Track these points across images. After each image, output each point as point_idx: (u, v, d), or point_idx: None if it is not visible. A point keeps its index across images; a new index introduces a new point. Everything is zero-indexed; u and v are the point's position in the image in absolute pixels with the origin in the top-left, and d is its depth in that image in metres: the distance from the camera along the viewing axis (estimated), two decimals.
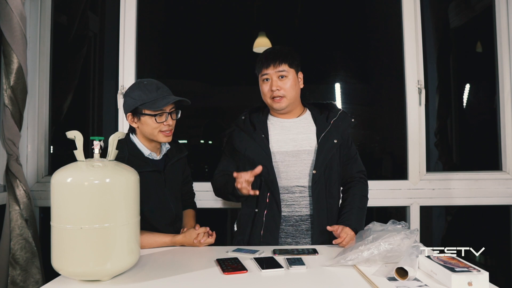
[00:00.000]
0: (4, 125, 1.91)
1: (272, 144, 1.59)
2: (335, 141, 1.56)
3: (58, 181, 1.06)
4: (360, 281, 1.08)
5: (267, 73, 1.56)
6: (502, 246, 2.28)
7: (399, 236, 1.18)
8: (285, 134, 1.60)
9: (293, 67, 1.58)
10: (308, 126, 1.62)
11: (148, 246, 1.42)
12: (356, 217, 1.54)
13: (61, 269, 1.07)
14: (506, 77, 2.19)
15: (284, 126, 1.62)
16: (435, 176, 2.18)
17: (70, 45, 2.32)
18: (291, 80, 1.56)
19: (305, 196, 1.56)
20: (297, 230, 1.56)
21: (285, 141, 1.59)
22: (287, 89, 1.55)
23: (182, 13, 2.56)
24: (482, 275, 1.00)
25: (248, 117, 1.67)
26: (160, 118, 1.45)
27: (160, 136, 1.47)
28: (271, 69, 1.55)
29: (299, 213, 1.56)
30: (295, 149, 1.58)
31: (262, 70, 1.57)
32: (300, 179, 1.56)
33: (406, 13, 2.20)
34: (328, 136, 1.57)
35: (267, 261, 1.22)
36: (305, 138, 1.59)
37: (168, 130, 1.48)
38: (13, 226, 1.91)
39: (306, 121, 1.64)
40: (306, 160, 1.57)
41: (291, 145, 1.59)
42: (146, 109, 1.43)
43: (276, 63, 1.54)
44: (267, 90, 1.57)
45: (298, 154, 1.57)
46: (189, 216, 1.70)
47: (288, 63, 1.56)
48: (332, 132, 1.58)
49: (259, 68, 1.60)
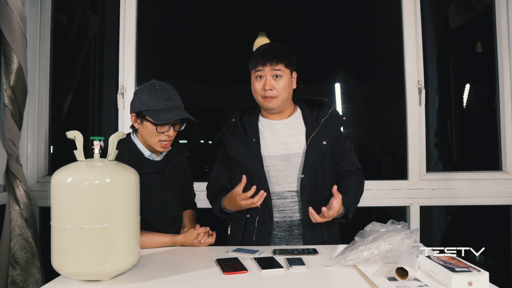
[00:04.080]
0: (4, 125, 1.91)
1: (263, 148, 1.55)
2: (324, 142, 1.52)
3: (58, 181, 1.06)
4: (360, 281, 1.08)
5: (262, 70, 1.50)
6: (502, 246, 2.28)
7: (399, 236, 1.18)
8: (276, 137, 1.57)
9: (289, 67, 1.53)
10: (298, 127, 1.58)
11: (148, 246, 1.42)
12: (350, 197, 1.50)
13: (61, 269, 1.07)
14: (506, 77, 2.19)
15: (274, 128, 1.58)
16: (435, 176, 2.18)
17: (70, 45, 2.33)
18: (285, 81, 1.51)
19: (296, 201, 1.53)
20: (290, 235, 1.54)
21: (275, 145, 1.56)
22: (280, 90, 1.50)
23: (182, 13, 2.56)
24: (482, 275, 1.00)
25: (239, 119, 1.63)
26: (162, 128, 1.42)
27: (157, 145, 1.45)
28: (267, 68, 1.50)
29: (291, 219, 1.53)
30: (285, 152, 1.54)
31: (257, 67, 1.52)
32: (291, 183, 1.53)
33: (406, 13, 2.20)
34: (317, 138, 1.53)
35: (267, 261, 1.22)
36: (295, 141, 1.55)
37: (167, 141, 1.45)
38: (13, 226, 1.91)
39: (296, 121, 1.60)
40: (296, 164, 1.53)
41: (281, 149, 1.55)
42: (149, 116, 1.41)
43: (273, 62, 1.49)
44: (260, 88, 1.52)
45: (289, 158, 1.54)
46: (189, 216, 1.70)
47: (285, 63, 1.51)
48: (321, 133, 1.54)
49: (253, 64, 1.53)
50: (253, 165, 1.52)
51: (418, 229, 1.88)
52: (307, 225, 1.50)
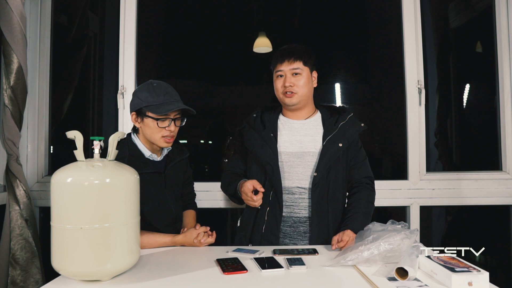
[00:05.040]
0: (4, 125, 1.91)
1: (279, 144, 1.60)
2: (340, 144, 1.56)
3: (58, 181, 1.06)
4: (360, 281, 1.08)
5: (281, 69, 1.58)
6: (502, 246, 2.28)
7: (399, 236, 1.18)
8: (293, 135, 1.61)
9: (308, 65, 1.59)
10: (316, 128, 1.63)
11: (148, 246, 1.42)
12: (360, 222, 1.50)
13: (61, 269, 1.07)
14: (506, 77, 2.19)
15: (292, 127, 1.63)
16: (435, 176, 2.18)
17: (70, 45, 2.32)
18: (304, 78, 1.57)
19: (304, 198, 1.56)
20: (295, 232, 1.56)
21: (291, 142, 1.60)
22: (300, 86, 1.57)
23: (182, 13, 2.56)
24: (482, 275, 1.00)
25: (260, 115, 1.69)
26: (163, 123, 1.44)
27: (161, 141, 1.46)
28: (286, 66, 1.57)
29: (298, 215, 1.56)
30: (300, 150, 1.59)
31: (277, 66, 1.59)
32: (301, 180, 1.56)
33: (406, 13, 2.20)
34: (334, 140, 1.57)
35: (267, 261, 1.22)
36: (311, 140, 1.60)
37: (170, 136, 1.46)
38: (13, 226, 1.91)
39: (315, 123, 1.64)
40: (309, 162, 1.57)
41: (296, 146, 1.59)
42: (149, 111, 1.42)
43: (291, 59, 1.56)
44: (280, 85, 1.59)
45: (303, 156, 1.58)
46: (189, 216, 1.70)
47: (303, 61, 1.57)
48: (338, 136, 1.58)
49: (274, 64, 1.62)
50: (267, 157, 1.56)
51: (418, 229, 1.89)
52: (315, 224, 1.53)
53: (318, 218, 1.53)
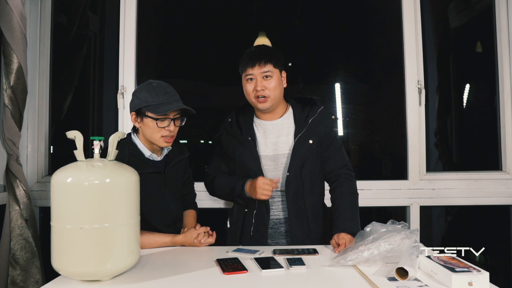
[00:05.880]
0: (4, 125, 1.91)
1: (258, 147, 1.61)
2: (311, 141, 1.56)
3: (58, 181, 1.06)
4: (360, 281, 1.08)
5: (252, 73, 1.54)
6: (502, 246, 2.28)
7: (399, 236, 1.18)
8: (267, 138, 1.62)
9: (278, 67, 1.57)
10: (288, 127, 1.62)
11: (148, 246, 1.42)
12: (349, 219, 1.49)
13: (61, 269, 1.07)
14: (506, 77, 2.19)
15: (266, 129, 1.63)
16: (435, 176, 2.18)
17: (70, 45, 2.32)
18: (275, 80, 1.55)
19: (280, 200, 1.59)
20: (276, 232, 1.60)
21: (266, 145, 1.61)
22: (271, 89, 1.54)
23: (182, 13, 2.56)
24: (482, 275, 1.00)
25: (235, 119, 1.68)
26: (162, 123, 1.44)
27: (160, 140, 1.46)
28: (256, 69, 1.53)
29: (277, 217, 1.59)
30: (274, 153, 1.60)
31: (247, 70, 1.55)
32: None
33: (406, 13, 2.20)
34: (305, 137, 1.56)
35: (267, 261, 1.22)
36: (284, 141, 1.60)
37: (169, 136, 1.46)
38: (13, 226, 1.91)
39: (287, 122, 1.63)
40: (284, 164, 1.58)
41: (271, 149, 1.60)
42: (149, 111, 1.42)
43: (262, 63, 1.53)
44: (251, 89, 1.55)
45: (277, 158, 1.59)
46: (190, 216, 1.70)
47: (273, 63, 1.55)
48: (309, 132, 1.57)
49: (243, 67, 1.57)
50: (248, 163, 1.57)
51: (418, 229, 1.89)
52: (293, 222, 1.54)
53: (296, 216, 1.54)
